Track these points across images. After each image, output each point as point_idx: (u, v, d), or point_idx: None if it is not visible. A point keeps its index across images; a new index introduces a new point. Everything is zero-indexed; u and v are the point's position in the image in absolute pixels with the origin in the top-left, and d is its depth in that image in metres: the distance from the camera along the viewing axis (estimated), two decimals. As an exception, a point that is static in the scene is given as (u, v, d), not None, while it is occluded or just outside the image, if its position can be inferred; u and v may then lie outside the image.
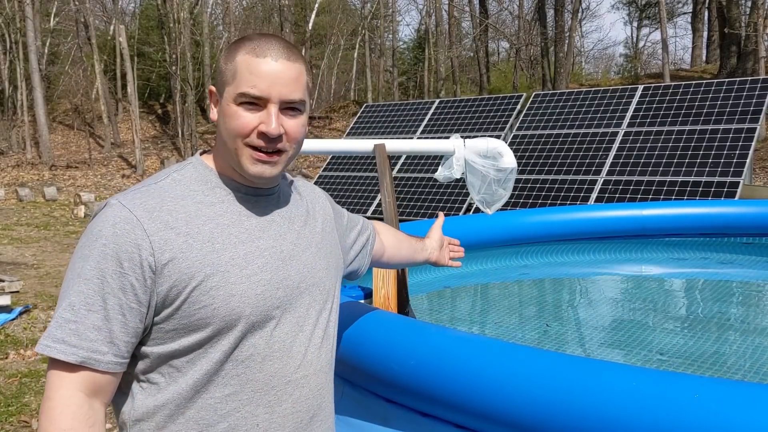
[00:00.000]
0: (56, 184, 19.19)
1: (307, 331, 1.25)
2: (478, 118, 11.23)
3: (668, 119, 9.22)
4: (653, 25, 35.75)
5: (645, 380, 1.54)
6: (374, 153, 3.11)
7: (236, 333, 1.15)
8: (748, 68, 17.77)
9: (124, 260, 1.09)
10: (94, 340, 1.09)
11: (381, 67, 31.97)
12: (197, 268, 1.13)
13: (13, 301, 6.09)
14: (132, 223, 1.11)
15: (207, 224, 1.17)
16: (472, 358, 1.76)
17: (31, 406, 4.02)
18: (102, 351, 1.09)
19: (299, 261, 1.26)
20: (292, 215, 1.31)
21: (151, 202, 1.15)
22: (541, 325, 3.77)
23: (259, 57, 1.16)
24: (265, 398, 1.18)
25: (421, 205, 10.22)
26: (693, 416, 1.43)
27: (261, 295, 1.17)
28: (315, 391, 1.26)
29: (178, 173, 1.22)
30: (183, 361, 1.15)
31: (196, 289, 1.12)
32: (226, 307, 1.13)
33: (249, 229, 1.21)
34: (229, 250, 1.16)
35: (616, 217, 5.60)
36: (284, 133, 1.18)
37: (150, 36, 30.82)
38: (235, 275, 1.15)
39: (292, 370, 1.21)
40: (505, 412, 1.67)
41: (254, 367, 1.17)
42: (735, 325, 3.61)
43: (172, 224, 1.14)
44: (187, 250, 1.13)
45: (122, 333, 1.11)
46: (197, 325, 1.14)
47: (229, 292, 1.14)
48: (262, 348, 1.18)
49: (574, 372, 1.63)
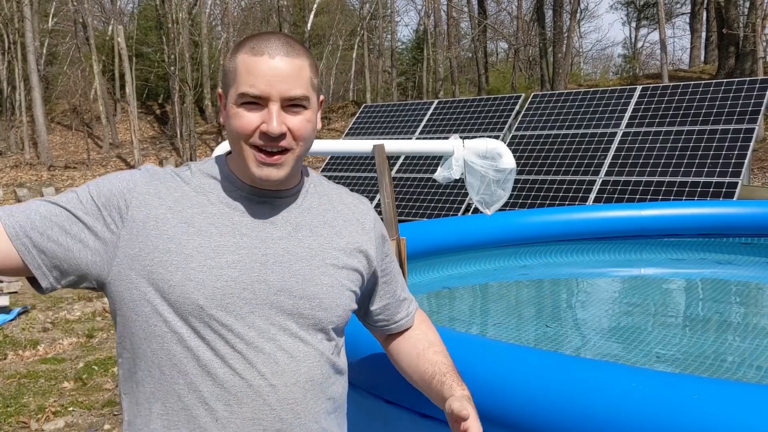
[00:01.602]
0: (55, 185, 19.18)
1: (281, 341, 1.19)
2: (477, 118, 11.23)
3: (667, 119, 9.23)
4: (652, 26, 35.80)
5: (644, 381, 1.54)
6: (373, 153, 3.11)
7: (195, 322, 1.15)
8: (747, 68, 17.79)
9: (103, 195, 1.18)
10: (15, 214, 1.14)
11: (380, 68, 31.98)
12: (163, 241, 1.16)
13: (11, 302, 6.09)
14: (133, 181, 1.20)
15: (193, 208, 1.19)
16: (470, 359, 1.76)
17: (30, 406, 4.02)
18: (21, 224, 1.14)
19: (287, 269, 1.21)
20: (302, 223, 1.26)
21: (160, 174, 1.23)
22: (540, 325, 3.77)
23: (257, 55, 1.14)
24: (224, 395, 1.15)
25: (420, 205, 10.22)
26: (692, 417, 1.43)
27: (221, 289, 1.15)
28: (285, 405, 1.19)
29: (197, 165, 1.27)
30: (144, 343, 1.18)
31: (157, 260, 1.15)
32: (181, 288, 1.14)
33: (235, 224, 1.20)
34: (203, 237, 1.17)
35: (615, 217, 5.60)
36: (288, 131, 1.16)
37: (148, 36, 30.83)
38: (197, 262, 1.15)
39: (255, 375, 1.16)
40: (504, 413, 1.67)
41: (216, 361, 1.15)
42: (734, 326, 3.62)
43: (163, 194, 1.20)
44: (162, 223, 1.17)
45: (54, 243, 1.15)
46: (158, 295, 1.15)
47: (187, 276, 1.14)
48: (222, 347, 1.16)
49: (573, 372, 1.63)
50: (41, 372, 4.63)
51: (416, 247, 4.72)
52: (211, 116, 27.50)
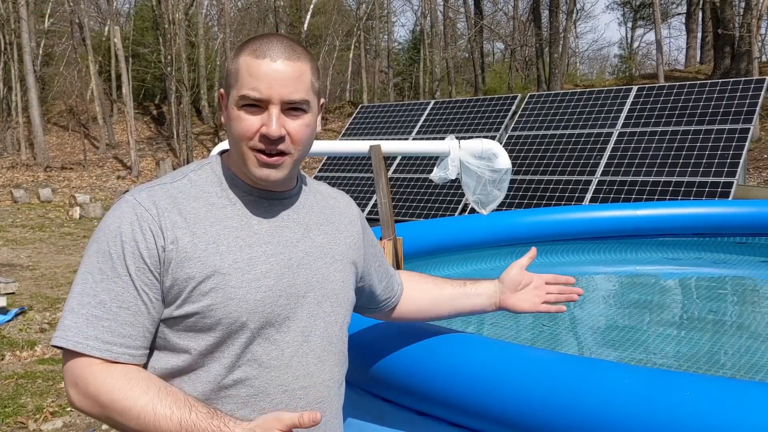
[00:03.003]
0: (51, 186, 19.15)
1: (311, 342, 1.22)
2: (474, 118, 11.25)
3: (662, 120, 9.26)
4: (648, 26, 35.85)
5: (638, 378, 1.55)
6: (370, 154, 3.12)
7: (240, 339, 1.16)
8: (742, 69, 17.84)
9: (146, 256, 1.13)
10: (127, 336, 1.13)
11: (376, 68, 31.98)
12: (198, 269, 1.14)
13: (8, 303, 6.09)
14: (147, 221, 1.14)
15: (215, 226, 1.18)
16: (467, 357, 1.78)
17: (28, 407, 4.02)
18: (135, 345, 1.14)
19: (309, 270, 1.24)
20: (310, 222, 1.29)
21: (164, 202, 1.17)
22: (536, 324, 3.79)
23: (259, 58, 1.15)
24: (259, 404, 1.17)
25: (416, 205, 10.24)
26: (685, 413, 1.44)
27: (261, 301, 1.16)
28: (314, 405, 1.23)
29: (195, 173, 1.24)
30: (191, 360, 1.18)
31: (195, 289, 1.13)
32: (224, 309, 1.14)
33: (258, 233, 1.20)
34: (234, 253, 1.17)
35: (611, 217, 5.62)
36: (287, 134, 1.17)
37: (145, 37, 30.77)
38: (236, 279, 1.15)
39: (290, 379, 1.19)
40: (501, 411, 1.68)
41: (252, 372, 1.17)
42: (728, 325, 3.64)
43: (180, 224, 1.16)
44: (191, 251, 1.14)
45: (151, 326, 1.16)
46: (200, 327, 1.15)
47: (228, 295, 1.14)
48: (260, 354, 1.17)
49: (569, 370, 1.65)
50: (39, 372, 4.63)
51: (413, 248, 4.74)
52: (208, 117, 27.48)
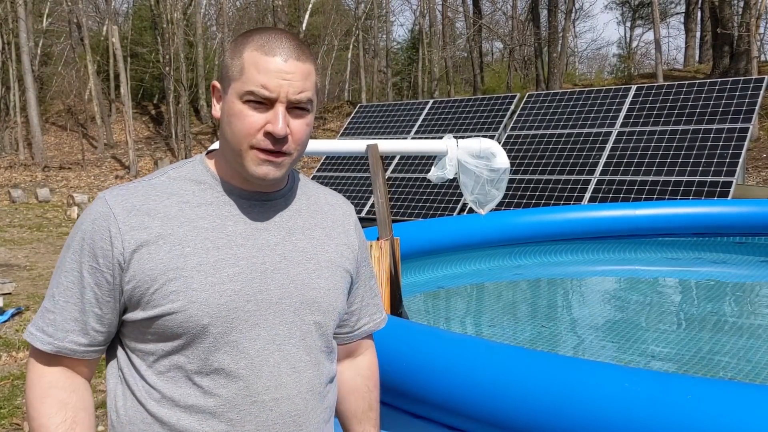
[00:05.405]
0: (49, 186, 19.12)
1: (284, 351, 1.17)
2: (472, 118, 11.24)
3: (661, 119, 9.25)
4: (646, 26, 35.87)
5: (638, 381, 1.53)
6: (367, 153, 3.10)
7: (203, 344, 1.12)
8: (741, 68, 17.85)
9: (99, 256, 1.12)
10: (70, 331, 1.14)
11: (375, 68, 31.98)
12: (160, 270, 1.11)
13: (5, 303, 6.07)
14: (109, 220, 1.13)
15: (183, 226, 1.14)
16: (463, 359, 1.76)
17: (23, 408, 4.00)
18: (77, 341, 1.15)
19: (285, 275, 1.19)
20: (294, 226, 1.24)
21: (134, 200, 1.15)
22: (535, 325, 3.77)
23: (268, 55, 1.12)
24: (227, 415, 1.13)
25: (414, 205, 10.22)
26: (686, 416, 1.43)
27: (224, 305, 1.12)
28: (287, 418, 1.17)
29: (175, 171, 1.21)
30: (153, 365, 1.15)
31: (157, 292, 1.10)
32: (184, 312, 1.10)
33: (230, 234, 1.16)
34: (200, 254, 1.13)
35: (610, 217, 5.61)
36: (290, 133, 1.14)
37: (143, 36, 30.76)
38: (198, 281, 1.11)
39: (260, 390, 1.14)
40: (497, 413, 1.67)
41: (219, 381, 1.13)
42: (728, 325, 3.62)
43: (147, 224, 1.13)
44: (155, 252, 1.11)
45: (98, 324, 1.15)
46: (163, 331, 1.12)
47: (190, 298, 1.10)
48: (227, 362, 1.13)
49: (567, 373, 1.63)
50: (35, 373, 4.61)
51: (410, 248, 4.72)
52: (206, 117, 27.47)
